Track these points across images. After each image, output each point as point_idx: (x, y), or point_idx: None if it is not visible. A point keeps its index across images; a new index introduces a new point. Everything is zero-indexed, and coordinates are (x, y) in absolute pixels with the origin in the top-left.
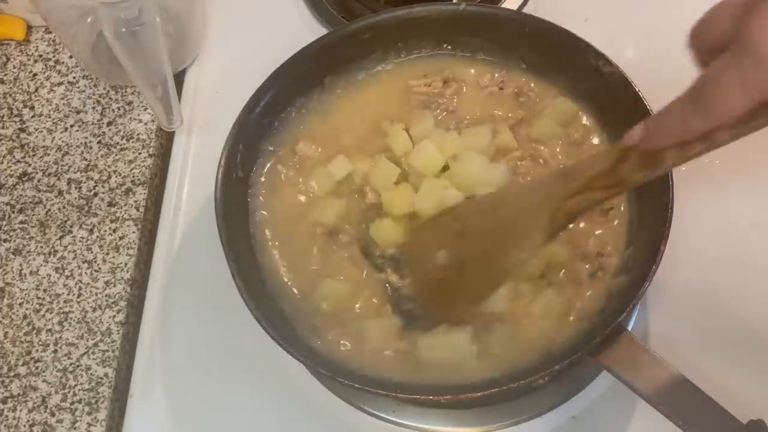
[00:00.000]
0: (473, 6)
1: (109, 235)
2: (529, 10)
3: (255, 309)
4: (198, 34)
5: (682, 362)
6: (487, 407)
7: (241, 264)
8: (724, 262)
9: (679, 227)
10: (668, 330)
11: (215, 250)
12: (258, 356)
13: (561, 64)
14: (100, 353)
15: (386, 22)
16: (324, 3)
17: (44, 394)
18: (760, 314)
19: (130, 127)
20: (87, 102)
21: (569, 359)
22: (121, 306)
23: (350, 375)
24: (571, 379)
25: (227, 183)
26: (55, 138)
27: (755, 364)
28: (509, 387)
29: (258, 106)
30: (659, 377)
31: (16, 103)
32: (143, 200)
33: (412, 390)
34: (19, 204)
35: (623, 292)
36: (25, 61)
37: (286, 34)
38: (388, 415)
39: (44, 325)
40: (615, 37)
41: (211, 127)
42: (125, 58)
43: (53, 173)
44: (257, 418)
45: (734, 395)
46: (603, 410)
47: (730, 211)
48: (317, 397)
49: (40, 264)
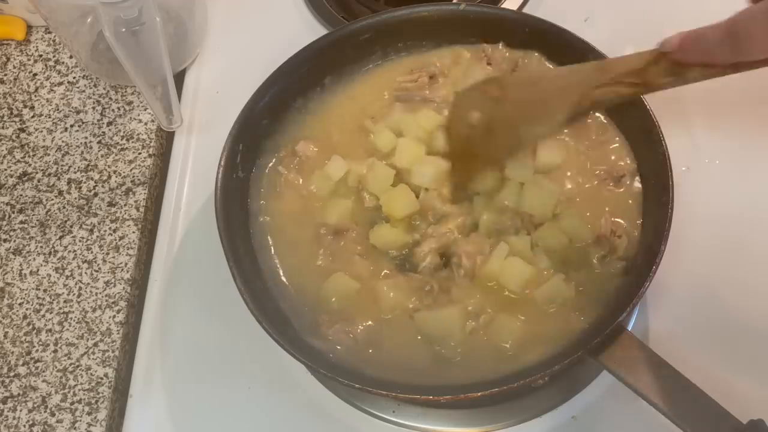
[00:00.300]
0: (473, 6)
1: (109, 235)
2: (529, 10)
3: (255, 309)
4: (198, 34)
5: (682, 362)
6: (487, 407)
7: (241, 264)
8: (724, 262)
9: (679, 227)
10: (668, 330)
11: (215, 250)
12: (258, 356)
13: (561, 64)
14: (100, 353)
15: (386, 22)
16: (324, 3)
17: (44, 394)
18: (760, 314)
19: (130, 127)
20: (87, 102)
21: (569, 359)
22: (121, 306)
23: (350, 375)
24: (571, 379)
25: (227, 183)
26: (55, 138)
27: (755, 364)
28: (509, 387)
29: (258, 106)
30: (659, 377)
31: (16, 103)
32: (143, 200)
33: (412, 390)
34: (19, 204)
35: (623, 292)
36: (25, 61)
37: (286, 34)
38: (388, 415)
39: (44, 325)
40: (615, 37)
41: (211, 127)
42: (125, 58)
43: (53, 173)
44: (257, 418)
45: (734, 395)
46: (603, 410)
47: (731, 211)
48: (317, 397)
49: (40, 264)
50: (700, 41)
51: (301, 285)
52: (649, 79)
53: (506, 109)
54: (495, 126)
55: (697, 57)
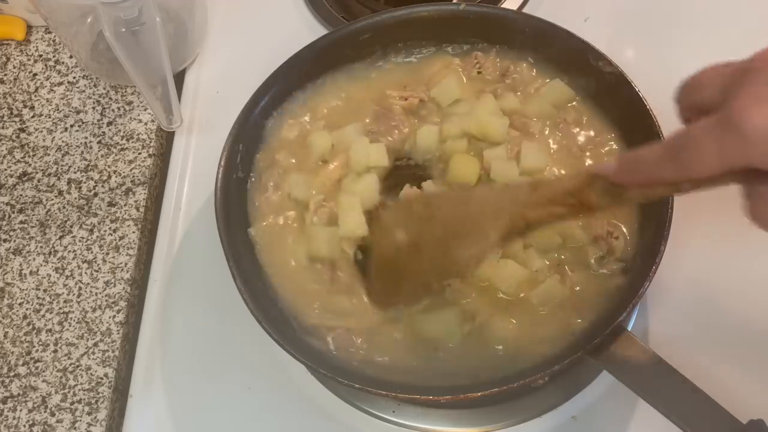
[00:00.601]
0: (473, 6)
1: (109, 235)
2: (529, 10)
3: (255, 309)
4: (198, 34)
5: (682, 362)
6: (487, 407)
7: (241, 264)
8: (725, 262)
9: (679, 227)
10: (668, 330)
11: (215, 250)
12: (258, 356)
13: (561, 64)
14: (100, 353)
15: (386, 22)
16: (324, 3)
17: (44, 394)
18: (760, 314)
19: (130, 127)
20: (87, 102)
21: (569, 359)
22: (121, 306)
23: (350, 375)
24: (571, 379)
25: (227, 183)
26: (55, 138)
27: (755, 364)
28: (509, 387)
29: (258, 106)
30: (659, 377)
31: (16, 103)
32: (143, 200)
33: (412, 390)
34: (19, 204)
35: (623, 292)
36: (25, 61)
37: (286, 34)
38: (388, 415)
39: (44, 325)
40: (615, 37)
41: (211, 127)
42: (125, 58)
43: (53, 173)
44: (257, 418)
45: (734, 395)
46: (603, 410)
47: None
48: (317, 397)
49: (40, 264)
50: (640, 162)
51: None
52: (585, 200)
53: (435, 229)
54: (423, 246)
55: (638, 178)
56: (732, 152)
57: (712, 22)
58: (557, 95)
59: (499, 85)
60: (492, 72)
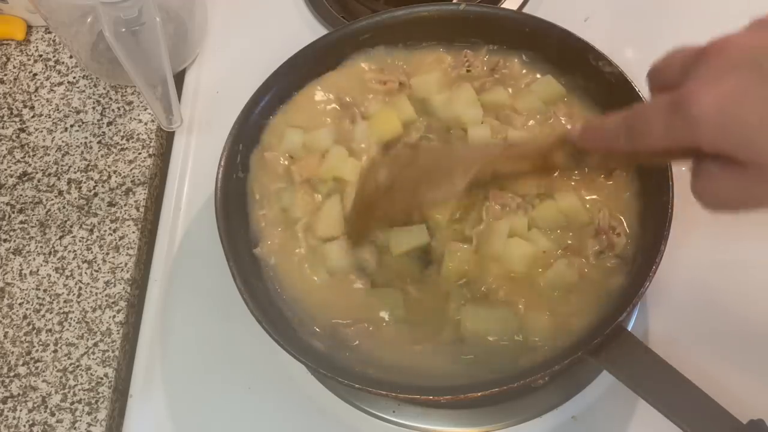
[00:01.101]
0: (473, 6)
1: (109, 235)
2: (529, 10)
3: (255, 309)
4: (198, 34)
5: (682, 362)
6: (487, 407)
7: (241, 264)
8: (724, 262)
9: (679, 227)
10: (668, 330)
11: (215, 250)
12: (258, 356)
13: (560, 64)
14: (100, 353)
15: (386, 22)
16: (324, 3)
17: (44, 394)
18: (760, 314)
19: (130, 127)
20: (87, 102)
21: (569, 359)
22: (121, 306)
23: (350, 375)
24: (571, 379)
25: (227, 183)
26: (55, 138)
27: (755, 364)
28: (509, 387)
29: (258, 106)
30: (659, 377)
31: (16, 103)
32: (143, 200)
33: (412, 390)
34: (19, 204)
35: (623, 291)
36: (25, 61)
37: (286, 34)
38: (388, 415)
39: (44, 325)
40: (615, 37)
41: (211, 127)
42: (125, 58)
43: (53, 173)
44: (257, 419)
45: (734, 395)
46: (603, 410)
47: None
48: (317, 397)
49: (40, 264)
50: (601, 129)
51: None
52: (552, 160)
53: (411, 173)
54: (396, 186)
55: (598, 144)
56: (678, 131)
57: (712, 23)
58: (548, 91)
59: (487, 80)
60: (480, 69)
